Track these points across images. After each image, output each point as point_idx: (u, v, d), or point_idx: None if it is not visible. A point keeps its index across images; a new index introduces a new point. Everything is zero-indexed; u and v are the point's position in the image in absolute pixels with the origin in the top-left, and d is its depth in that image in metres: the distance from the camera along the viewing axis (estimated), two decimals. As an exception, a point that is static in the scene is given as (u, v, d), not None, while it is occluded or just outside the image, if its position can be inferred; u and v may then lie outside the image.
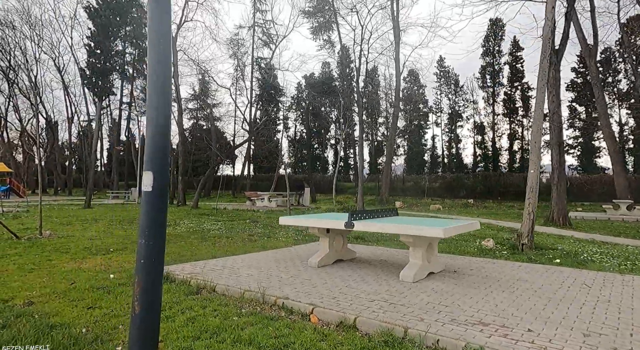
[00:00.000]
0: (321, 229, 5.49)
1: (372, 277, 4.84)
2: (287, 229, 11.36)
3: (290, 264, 5.75)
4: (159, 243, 1.79)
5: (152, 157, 1.78)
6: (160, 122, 1.81)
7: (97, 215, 15.14)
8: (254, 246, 8.33)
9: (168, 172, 1.85)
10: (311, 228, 5.52)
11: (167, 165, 1.84)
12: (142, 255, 1.76)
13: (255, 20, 33.86)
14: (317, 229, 5.46)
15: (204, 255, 7.16)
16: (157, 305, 1.80)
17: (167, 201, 1.87)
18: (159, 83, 1.83)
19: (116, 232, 10.66)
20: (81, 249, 7.85)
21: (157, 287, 1.80)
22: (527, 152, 42.55)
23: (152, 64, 1.83)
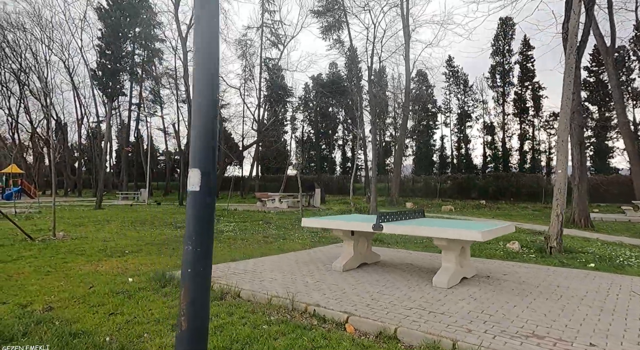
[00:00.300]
0: (346, 231, 5.28)
1: (403, 283, 4.62)
2: (301, 230, 11.17)
3: (313, 267, 5.55)
4: (207, 249, 1.61)
5: (199, 153, 1.60)
6: (207, 115, 1.62)
7: (108, 216, 15.06)
8: (270, 248, 8.15)
9: (216, 170, 1.65)
10: (335, 230, 5.32)
11: (215, 162, 1.64)
12: (189, 263, 1.57)
13: (263, 20, 33.76)
14: (342, 232, 5.26)
15: (222, 257, 6.98)
16: (205, 321, 1.61)
17: (215, 202, 1.68)
18: (205, 76, 1.64)
19: (129, 233, 10.54)
20: (96, 251, 7.72)
21: (205, 299, 1.61)
22: (538, 153, 42.03)
23: (199, 57, 1.64)
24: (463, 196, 27.09)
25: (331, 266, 5.49)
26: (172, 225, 12.19)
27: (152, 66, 33.21)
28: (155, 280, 5.11)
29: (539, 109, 41.73)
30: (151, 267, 6.18)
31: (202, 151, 1.59)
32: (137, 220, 13.59)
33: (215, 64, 1.67)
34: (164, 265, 6.36)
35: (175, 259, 6.89)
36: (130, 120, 33.18)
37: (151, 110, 35.35)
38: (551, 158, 41.85)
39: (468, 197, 27.05)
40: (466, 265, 4.70)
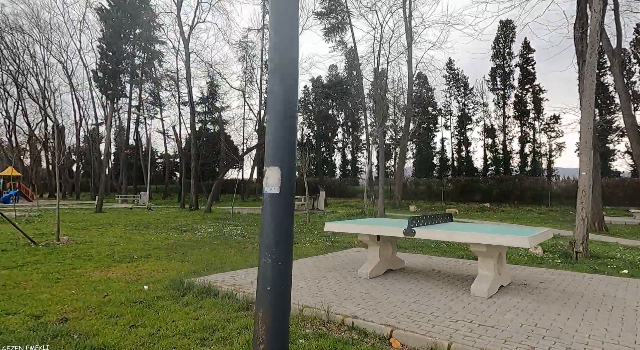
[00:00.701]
0: (372, 236, 5.04)
1: (437, 291, 4.38)
2: (311, 234, 10.92)
3: (336, 274, 5.30)
4: (288, 262, 1.36)
5: (279, 149, 1.35)
6: (286, 109, 1.38)
7: (110, 220, 14.76)
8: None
9: (295, 170, 1.41)
10: (361, 235, 5.07)
11: (295, 161, 1.40)
12: (269, 280, 1.33)
13: (265, 22, 33.56)
14: (369, 237, 5.01)
15: (237, 263, 6.72)
16: (286, 347, 1.36)
17: (294, 206, 1.44)
18: (284, 69, 1.40)
19: (134, 237, 10.25)
20: (104, 256, 7.44)
21: (285, 324, 1.37)
22: (539, 155, 41.92)
23: (276, 49, 1.41)
24: (466, 199, 26.90)
25: (356, 273, 5.24)
26: (177, 229, 11.90)
27: (152, 68, 32.94)
28: (173, 288, 4.84)
29: (540, 112, 41.67)
30: (164, 274, 5.92)
31: (282, 147, 1.36)
32: (140, 224, 13.30)
33: (294, 50, 1.43)
34: (177, 271, 6.09)
35: (187, 265, 6.63)
36: (130, 123, 32.91)
37: (151, 113, 35.02)
38: (552, 161, 41.80)
39: (471, 200, 26.85)
40: (503, 273, 4.47)
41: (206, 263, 6.83)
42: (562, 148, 41.72)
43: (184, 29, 19.77)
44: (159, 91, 35.03)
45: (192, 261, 7.02)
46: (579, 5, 12.85)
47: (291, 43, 1.40)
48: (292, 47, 1.40)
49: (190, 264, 6.71)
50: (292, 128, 1.37)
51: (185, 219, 15.21)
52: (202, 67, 31.97)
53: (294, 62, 1.42)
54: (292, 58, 1.40)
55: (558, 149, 41.99)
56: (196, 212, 18.50)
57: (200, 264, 6.70)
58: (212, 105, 37.18)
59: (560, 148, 41.80)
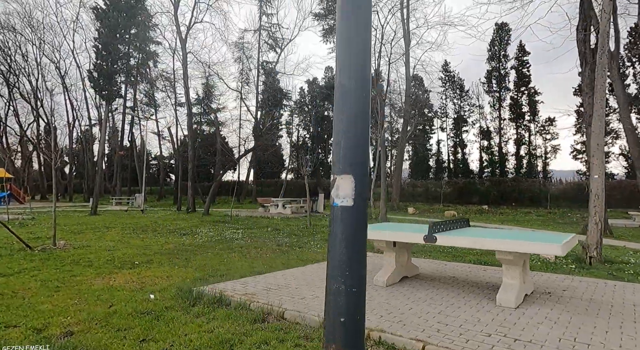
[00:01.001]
0: (388, 242, 4.85)
1: (460, 300, 4.20)
2: (314, 237, 10.71)
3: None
4: (362, 287, 1.16)
5: (351, 156, 1.16)
6: (359, 107, 1.19)
7: (106, 223, 14.43)
8: (289, 258, 7.68)
9: (368, 179, 1.21)
10: (376, 241, 4.88)
11: (368, 168, 1.20)
12: (342, 310, 1.13)
13: (261, 23, 33.36)
14: (385, 243, 4.83)
15: (242, 269, 6.50)
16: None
17: (367, 220, 1.24)
18: (355, 60, 1.19)
19: (133, 241, 9.98)
20: (104, 262, 7.18)
21: (359, 358, 1.16)
22: (534, 158, 42.09)
23: (348, 40, 1.21)
24: (464, 201, 26.85)
25: (371, 280, 5.05)
26: (176, 233, 11.64)
27: (147, 69, 32.56)
28: (181, 297, 4.61)
29: (535, 114, 41.88)
30: (169, 281, 5.68)
31: (355, 152, 1.16)
32: (137, 227, 13.00)
33: (366, 40, 1.24)
34: (182, 278, 5.86)
35: (191, 271, 6.40)
36: (125, 124, 32.48)
37: (146, 114, 34.64)
38: (547, 163, 42.00)
39: (469, 202, 26.81)
40: (527, 281, 4.30)
41: (211, 269, 6.60)
42: (557, 150, 41.92)
43: (181, 29, 19.53)
44: (154, 92, 34.67)
45: (196, 267, 6.79)
46: (582, 6, 12.83)
47: (365, 28, 1.21)
48: (365, 34, 1.21)
49: (194, 270, 6.48)
50: (364, 130, 1.18)
51: (184, 222, 14.93)
52: (198, 68, 31.66)
53: (367, 59, 1.23)
54: (364, 48, 1.21)
55: (553, 151, 42.18)
56: (194, 215, 18.21)
57: (204, 270, 6.48)
58: (208, 107, 36.84)
59: (555, 150, 41.99)
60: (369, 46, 1.23)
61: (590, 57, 12.51)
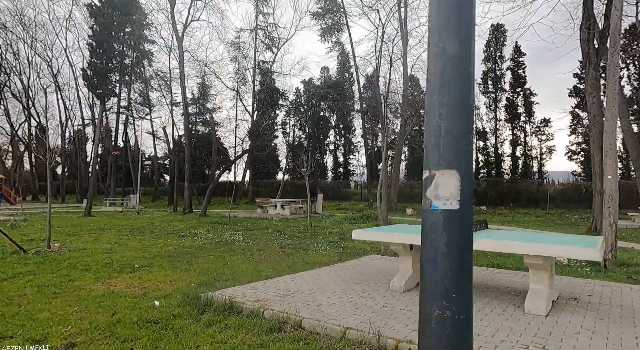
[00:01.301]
0: (405, 245, 4.63)
1: (485, 307, 3.99)
2: (316, 239, 10.47)
3: (365, 286, 4.88)
4: (471, 313, 0.93)
5: (454, 148, 0.92)
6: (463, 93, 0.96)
7: (101, 224, 14.09)
8: (294, 261, 7.44)
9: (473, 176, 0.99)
10: (393, 244, 4.66)
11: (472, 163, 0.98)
12: (448, 341, 0.89)
13: (257, 23, 33.07)
14: (402, 246, 4.61)
15: (249, 273, 6.25)
16: None
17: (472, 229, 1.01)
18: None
19: (130, 243, 9.68)
20: (102, 266, 6.89)
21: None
22: (529, 158, 42.21)
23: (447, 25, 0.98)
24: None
25: (386, 285, 4.84)
26: (175, 234, 11.34)
27: (142, 68, 32.11)
28: (189, 304, 4.36)
29: (531, 115, 41.97)
30: (173, 286, 5.42)
31: (459, 144, 0.93)
32: (134, 229, 12.68)
33: (469, 31, 1.01)
34: (187, 282, 5.61)
35: (195, 275, 6.14)
36: (119, 124, 32.00)
37: (140, 113, 34.16)
38: (543, 164, 42.17)
39: (467, 203, 26.72)
40: (554, 286, 4.11)
41: (215, 273, 6.35)
42: (553, 151, 42.08)
43: (178, 28, 19.17)
44: (149, 91, 34.24)
45: (199, 270, 6.53)
46: (585, 6, 12.74)
47: (468, 16, 0.98)
48: (468, 23, 0.98)
49: (198, 274, 6.22)
50: (469, 120, 0.96)
51: (181, 223, 14.62)
52: (195, 67, 31.28)
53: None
54: (468, 37, 0.98)
55: (548, 152, 42.32)
56: (191, 216, 17.89)
57: (209, 274, 6.22)
58: (203, 106, 36.47)
59: (550, 151, 42.13)
60: (471, 47, 1.00)
61: (594, 57, 12.42)
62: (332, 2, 22.90)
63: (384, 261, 6.87)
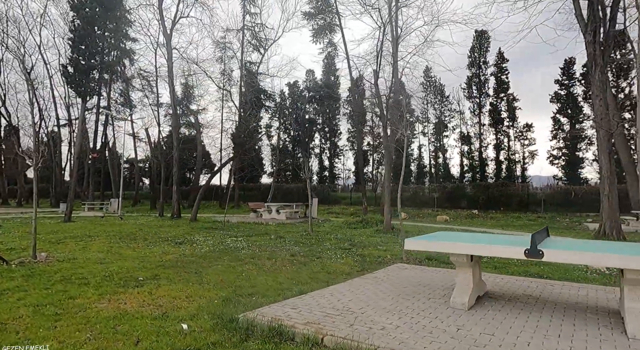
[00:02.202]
0: (466, 256, 4.12)
1: (581, 332, 3.50)
2: (323, 246, 9.88)
3: (419, 303, 4.34)
4: None
5: None
6: None
7: (86, 231, 13.10)
8: (314, 271, 6.85)
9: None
10: (453, 255, 4.14)
11: None
12: None
13: (245, 23, 32.34)
14: (465, 257, 4.09)
15: (268, 286, 5.64)
16: None
17: None
18: None
19: (124, 252, 8.87)
20: (101, 279, 6.13)
21: None
22: (513, 163, 42.79)
23: None
24: (452, 206, 26.66)
25: (441, 300, 4.32)
26: (170, 241, 10.54)
27: (123, 67, 30.84)
28: (225, 328, 3.72)
29: (514, 120, 42.58)
30: (192, 303, 4.75)
31: None
32: (124, 236, 11.78)
33: None
34: (207, 299, 4.94)
35: (211, 289, 5.47)
36: (98, 124, 30.57)
37: (121, 114, 32.80)
38: (526, 168, 42.84)
39: (457, 207, 26.64)
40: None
41: (233, 286, 5.70)
42: (535, 156, 42.78)
43: (166, 24, 18.32)
44: (130, 91, 32.94)
45: (214, 283, 5.87)
46: (591, 8, 12.65)
47: None
48: None
49: (214, 288, 5.56)
50: None
51: (173, 229, 13.76)
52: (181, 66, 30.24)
53: None
54: None
55: (531, 157, 43.02)
56: (180, 221, 16.97)
57: (226, 288, 5.57)
58: (187, 108, 35.36)
59: (532, 156, 42.83)
60: None
61: (600, 59, 12.32)
62: (324, 2, 22.44)
63: (414, 271, 6.35)
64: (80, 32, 19.96)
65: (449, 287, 4.98)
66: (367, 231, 13.51)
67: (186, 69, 30.92)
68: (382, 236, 12.10)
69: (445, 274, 6.03)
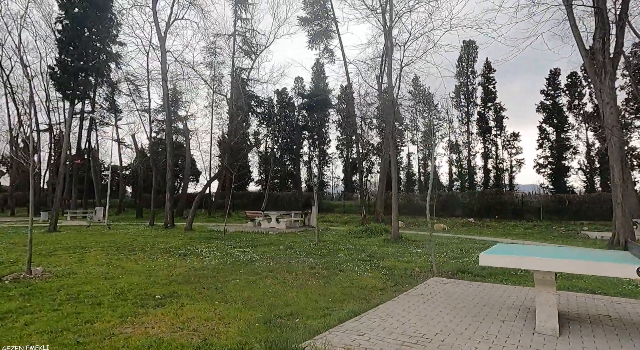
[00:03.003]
0: (553, 273, 3.68)
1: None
2: (338, 257, 9.35)
3: (493, 326, 3.87)
4: None
5: None
6: None
7: (76, 242, 12.23)
8: (343, 286, 6.34)
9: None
10: (538, 272, 3.70)
11: None
12: None
13: (236, 28, 31.80)
14: (551, 274, 3.65)
15: (304, 304, 5.12)
16: None
17: None
18: None
19: (126, 265, 8.16)
20: (112, 297, 5.47)
21: None
22: (500, 171, 43.23)
23: None
24: (447, 214, 26.50)
25: (520, 324, 3.86)
26: (173, 253, 9.82)
27: (109, 71, 29.80)
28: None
29: (502, 129, 43.09)
30: (229, 327, 4.18)
31: None
32: (120, 247, 10.98)
33: None
34: (244, 321, 4.37)
35: (241, 308, 4.91)
36: (82, 130, 29.31)
37: (105, 119, 31.63)
38: (513, 176, 43.31)
39: (452, 215, 26.50)
40: None
41: (265, 305, 5.14)
42: (522, 164, 43.31)
43: (161, 26, 17.61)
44: (115, 96, 31.88)
45: (241, 301, 5.30)
46: (599, 15, 12.63)
47: None
48: None
49: (244, 307, 4.99)
50: None
51: (171, 240, 12.99)
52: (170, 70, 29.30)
53: None
54: None
55: (518, 165, 43.55)
56: (175, 231, 16.15)
57: (258, 307, 5.01)
58: (175, 114, 34.43)
59: (520, 164, 43.36)
60: None
61: (609, 66, 12.28)
62: (321, 7, 22.13)
63: (458, 286, 5.90)
64: (69, 33, 19.05)
65: (512, 306, 4.55)
66: (374, 240, 13.04)
67: (175, 74, 30.18)
68: (393, 246, 11.65)
69: (493, 290, 5.60)
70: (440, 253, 10.08)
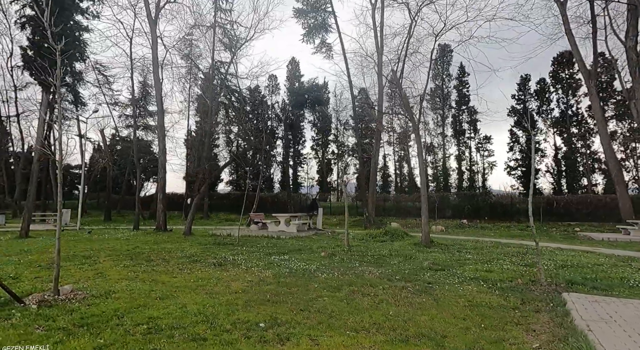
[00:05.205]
0: None
1: None
2: (390, 263, 8.36)
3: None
4: None
5: None
6: None
7: (70, 251, 10.36)
8: (459, 304, 5.41)
9: None
10: None
11: None
12: None
13: (216, 19, 29.98)
14: None
15: (452, 331, 4.14)
16: None
17: None
18: None
19: (162, 278, 6.76)
20: (205, 327, 4.20)
21: None
22: (474, 173, 44.09)
23: None
24: (438, 215, 26.26)
25: None
26: (199, 262, 8.37)
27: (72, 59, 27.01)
28: None
29: (476, 132, 43.97)
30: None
31: None
32: (132, 256, 9.35)
33: None
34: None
35: (394, 342, 3.82)
36: (44, 124, 26.28)
37: (68, 113, 28.71)
38: (486, 178, 44.30)
39: (442, 216, 26.30)
40: None
41: (414, 334, 4.07)
42: (494, 166, 44.40)
43: (151, 8, 15.82)
44: (78, 87, 29.05)
45: (376, 329, 4.19)
46: (630, 14, 12.57)
47: None
48: None
49: (399, 340, 3.90)
50: None
51: (179, 246, 11.38)
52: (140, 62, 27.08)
53: None
54: None
55: (490, 168, 44.61)
56: (173, 235, 14.40)
57: (413, 338, 3.94)
58: (145, 109, 32.05)
59: (492, 167, 44.42)
60: None
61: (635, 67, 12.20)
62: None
63: (611, 304, 5.09)
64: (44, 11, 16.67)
65: None
66: (404, 245, 12.13)
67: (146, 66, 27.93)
68: (435, 251, 10.77)
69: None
70: (495, 259, 9.33)
